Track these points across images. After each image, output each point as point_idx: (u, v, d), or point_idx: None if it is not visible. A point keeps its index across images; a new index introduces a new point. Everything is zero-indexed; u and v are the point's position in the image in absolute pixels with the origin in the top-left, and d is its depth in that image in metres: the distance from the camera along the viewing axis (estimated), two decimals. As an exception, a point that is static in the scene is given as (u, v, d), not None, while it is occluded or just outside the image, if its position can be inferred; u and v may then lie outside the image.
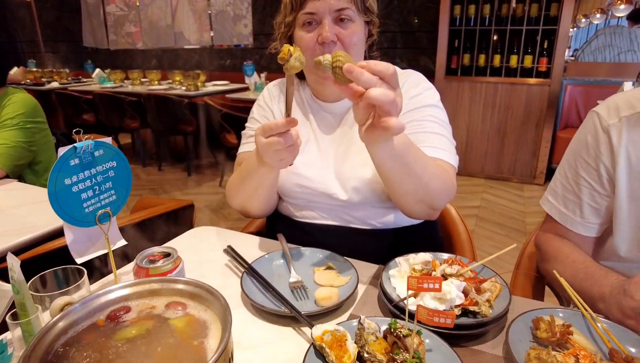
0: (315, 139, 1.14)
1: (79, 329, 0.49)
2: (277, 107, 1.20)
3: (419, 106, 1.05)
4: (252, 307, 0.82)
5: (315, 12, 0.98)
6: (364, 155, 1.05)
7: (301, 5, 1.00)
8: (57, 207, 0.71)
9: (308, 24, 1.01)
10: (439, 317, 0.55)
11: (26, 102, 1.79)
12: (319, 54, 0.99)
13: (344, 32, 1.00)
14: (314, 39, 1.00)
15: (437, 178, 0.92)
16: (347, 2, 0.99)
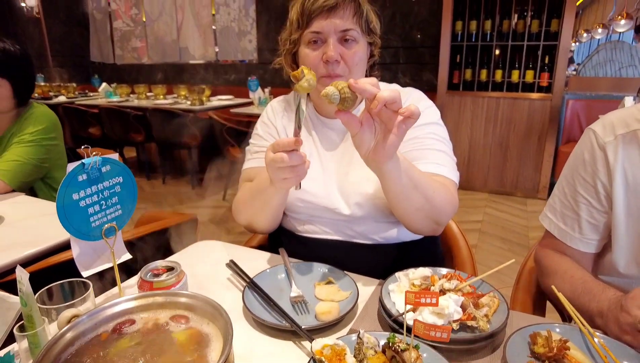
0: (317, 154, 1.16)
1: (85, 341, 0.50)
2: (281, 123, 1.22)
3: (421, 124, 1.07)
4: (254, 321, 0.83)
5: (321, 31, 1.02)
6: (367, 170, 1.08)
7: (308, 24, 1.03)
8: (64, 221, 0.73)
9: (314, 42, 1.04)
10: (436, 332, 0.56)
11: (46, 118, 1.80)
12: (323, 72, 1.04)
13: (348, 52, 1.03)
14: (319, 57, 1.03)
15: (440, 193, 0.96)
16: (352, 23, 1.03)
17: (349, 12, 1.02)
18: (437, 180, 1.00)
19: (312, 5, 1.01)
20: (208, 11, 6.00)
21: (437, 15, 4.54)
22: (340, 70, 1.04)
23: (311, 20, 1.02)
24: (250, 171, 1.21)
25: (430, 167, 1.02)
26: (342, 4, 1.01)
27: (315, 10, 1.01)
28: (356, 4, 1.03)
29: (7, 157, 1.69)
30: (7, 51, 1.66)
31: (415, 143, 1.06)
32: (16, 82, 1.72)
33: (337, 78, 1.04)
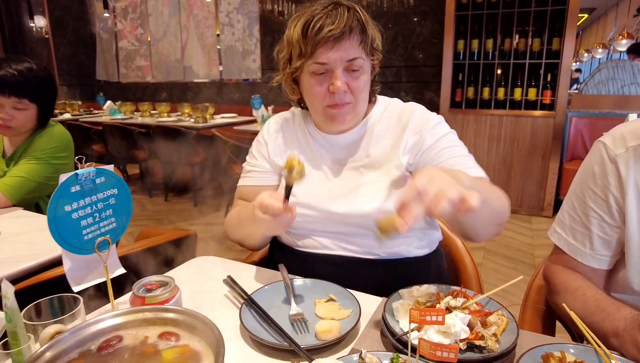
0: (320, 169, 1.15)
1: (68, 360, 0.47)
2: (274, 144, 1.21)
3: (443, 134, 1.07)
4: (251, 340, 0.79)
5: (327, 62, 0.98)
6: (372, 185, 1.06)
7: (311, 54, 0.99)
8: (55, 233, 0.71)
9: (319, 74, 1.01)
10: (442, 351, 0.53)
11: (60, 137, 1.79)
12: (329, 101, 1.03)
13: (354, 82, 1.02)
14: (325, 88, 1.01)
15: (496, 197, 0.93)
16: (359, 51, 1.00)
17: (355, 40, 0.99)
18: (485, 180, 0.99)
19: (315, 34, 0.96)
20: (212, 31, 6.09)
21: (438, 34, 4.58)
22: (347, 98, 1.03)
23: (315, 50, 0.98)
24: (242, 189, 1.24)
25: (470, 171, 0.99)
26: (348, 32, 0.97)
27: (319, 40, 0.96)
28: (361, 29, 0.99)
29: (14, 173, 1.68)
30: (34, 72, 1.65)
31: (446, 152, 1.05)
32: (42, 104, 1.72)
33: (344, 107, 1.04)
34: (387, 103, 1.18)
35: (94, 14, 7.12)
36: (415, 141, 1.07)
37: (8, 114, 1.64)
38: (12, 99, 1.62)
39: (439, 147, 1.06)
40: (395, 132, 1.11)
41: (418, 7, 4.74)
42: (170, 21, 6.35)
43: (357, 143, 1.14)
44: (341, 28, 0.95)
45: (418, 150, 1.07)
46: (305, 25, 0.98)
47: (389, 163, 1.08)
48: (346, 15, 0.97)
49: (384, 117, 1.15)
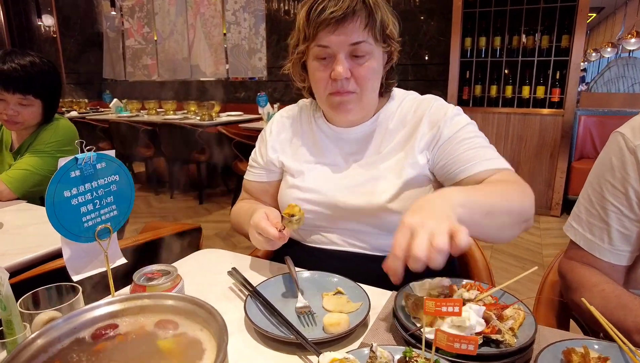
0: (327, 163, 1.11)
1: (61, 347, 0.44)
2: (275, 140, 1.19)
3: (463, 125, 1.03)
4: (256, 332, 0.76)
5: (328, 45, 0.94)
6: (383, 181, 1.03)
7: (314, 37, 0.95)
8: (54, 220, 0.68)
9: (322, 58, 0.97)
10: (460, 343, 0.49)
11: (65, 131, 1.78)
12: (332, 88, 0.98)
13: (359, 68, 0.96)
14: (328, 73, 0.97)
15: (514, 196, 0.89)
16: (364, 35, 0.93)
17: (360, 22, 0.93)
18: (501, 180, 0.94)
19: (317, 16, 0.92)
20: (219, 30, 6.07)
21: (445, 32, 4.53)
22: (350, 86, 0.98)
23: (317, 32, 0.94)
24: (245, 183, 1.27)
25: (489, 163, 0.97)
26: (351, 14, 0.91)
27: (321, 22, 0.92)
28: (368, 12, 0.93)
29: (18, 165, 1.67)
30: (38, 67, 1.63)
31: (467, 143, 1.00)
32: (47, 99, 1.70)
33: (347, 95, 0.99)
34: (403, 95, 1.14)
35: (101, 12, 7.14)
36: (433, 135, 1.02)
37: (14, 110, 1.63)
38: (17, 95, 1.61)
39: (458, 138, 1.01)
40: (410, 126, 1.06)
41: (424, 5, 4.70)
42: (177, 20, 6.34)
43: (367, 138, 1.10)
44: (344, 9, 0.90)
45: (435, 144, 1.02)
46: (309, 7, 0.94)
47: (402, 160, 1.04)
48: None
49: (399, 111, 1.10)
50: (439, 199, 0.76)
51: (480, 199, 0.83)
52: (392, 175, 1.03)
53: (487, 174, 0.97)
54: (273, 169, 1.20)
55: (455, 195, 0.79)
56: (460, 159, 1.00)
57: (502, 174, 0.97)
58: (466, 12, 4.22)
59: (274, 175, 1.21)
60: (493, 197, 0.85)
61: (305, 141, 1.15)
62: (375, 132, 1.09)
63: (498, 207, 0.84)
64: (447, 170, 1.02)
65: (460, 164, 1.00)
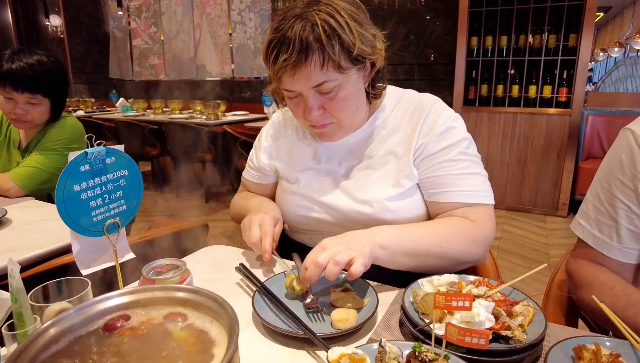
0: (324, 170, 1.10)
1: (72, 338, 0.45)
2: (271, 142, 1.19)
3: (452, 143, 0.98)
4: (264, 327, 0.76)
5: (292, 90, 0.92)
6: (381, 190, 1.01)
7: (278, 80, 0.92)
8: (64, 213, 0.68)
9: (292, 97, 0.95)
10: (472, 337, 0.49)
11: (72, 128, 1.79)
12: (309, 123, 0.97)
13: (330, 103, 0.92)
14: (302, 110, 0.95)
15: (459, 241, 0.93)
16: (323, 75, 0.87)
17: (316, 64, 0.85)
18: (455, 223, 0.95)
19: (272, 63, 0.88)
20: (225, 30, 6.09)
21: (451, 32, 4.52)
22: (326, 119, 0.96)
23: (279, 77, 0.90)
24: (244, 179, 1.31)
25: (462, 196, 0.96)
26: (304, 58, 0.84)
27: (278, 70, 0.88)
28: (321, 49, 0.84)
29: (26, 163, 1.68)
30: (46, 65, 1.64)
31: (448, 166, 0.97)
32: (54, 98, 1.71)
33: (325, 127, 0.98)
34: (399, 95, 1.09)
35: (108, 12, 7.18)
36: (421, 145, 0.99)
37: (22, 109, 1.64)
38: (26, 94, 1.62)
39: (442, 158, 0.98)
40: (406, 130, 1.03)
41: (430, 5, 4.68)
42: (183, 20, 6.36)
43: (362, 143, 1.07)
44: (295, 55, 0.84)
45: (419, 155, 1.00)
46: (265, 49, 0.90)
47: (398, 170, 1.01)
48: (300, 36, 0.83)
49: (394, 113, 1.06)
50: (364, 236, 0.86)
51: (408, 243, 0.90)
52: (388, 183, 1.01)
53: (456, 206, 0.97)
54: (267, 174, 1.21)
55: (381, 235, 0.88)
56: (436, 182, 0.98)
57: (472, 211, 0.96)
58: (472, 12, 4.20)
59: (268, 179, 1.23)
60: (426, 242, 0.91)
61: (301, 147, 1.13)
62: (370, 137, 1.07)
63: (426, 252, 0.91)
64: (423, 186, 1.02)
65: (434, 187, 0.99)
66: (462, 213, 0.97)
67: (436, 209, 1.01)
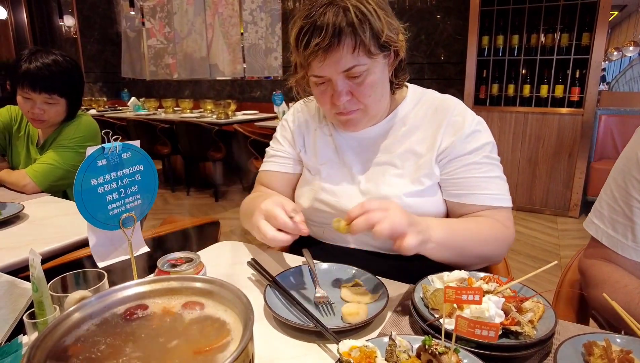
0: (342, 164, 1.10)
1: (93, 324, 0.46)
2: (299, 131, 1.17)
3: (478, 146, 1.01)
4: (275, 321, 0.77)
5: (322, 75, 0.92)
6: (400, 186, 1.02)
7: (307, 67, 0.93)
8: (82, 207, 0.70)
9: (320, 83, 0.95)
10: (482, 329, 0.49)
11: (88, 127, 1.82)
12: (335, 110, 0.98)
13: (358, 88, 0.93)
14: (329, 97, 0.96)
15: (491, 242, 0.96)
16: (354, 58, 0.88)
17: (347, 47, 0.87)
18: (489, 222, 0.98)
19: (304, 47, 0.89)
20: (237, 29, 6.13)
21: (462, 31, 4.50)
22: (353, 105, 0.97)
23: (309, 63, 0.91)
24: (264, 174, 1.20)
25: (488, 199, 0.99)
26: (336, 41, 0.86)
27: (309, 55, 0.89)
28: (354, 32, 0.86)
29: (42, 160, 1.72)
30: (62, 65, 1.67)
31: (474, 169, 1.00)
32: (71, 98, 1.75)
33: (352, 113, 0.98)
34: (420, 94, 1.10)
35: (120, 13, 7.27)
36: (446, 145, 1.01)
37: (40, 109, 1.67)
38: (43, 95, 1.65)
39: (468, 160, 1.00)
40: (428, 130, 1.04)
41: (441, 4, 4.67)
42: (195, 19, 6.42)
43: (382, 138, 1.08)
44: (328, 39, 0.85)
45: (445, 156, 1.01)
46: (296, 36, 0.91)
47: (418, 168, 1.02)
48: (333, 20, 0.85)
49: (415, 111, 1.07)
50: (423, 222, 0.86)
51: (456, 242, 0.92)
52: (407, 180, 1.02)
53: (481, 209, 1.00)
54: (293, 162, 1.18)
55: (436, 231, 0.88)
56: (462, 183, 1.00)
57: (496, 214, 0.99)
58: (483, 10, 4.18)
59: (295, 168, 1.19)
60: (469, 242, 0.93)
61: (323, 138, 1.14)
62: (391, 132, 1.07)
63: (470, 251, 0.94)
64: (446, 186, 1.03)
65: (460, 188, 1.00)
66: (487, 216, 1.00)
67: (460, 210, 1.02)
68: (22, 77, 1.61)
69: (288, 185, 1.20)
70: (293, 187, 1.20)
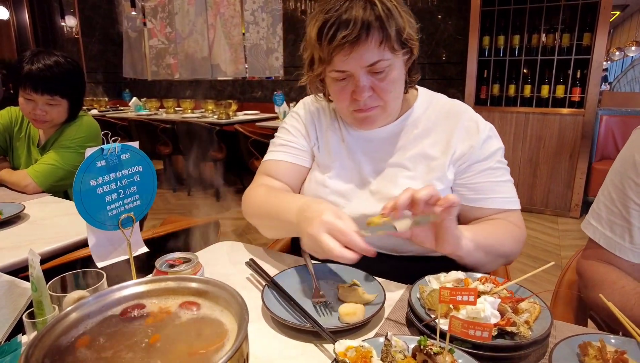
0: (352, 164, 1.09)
1: (91, 323, 0.47)
2: (313, 126, 1.14)
3: (492, 151, 1.03)
4: (273, 321, 0.78)
5: (345, 70, 0.91)
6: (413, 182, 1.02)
7: (329, 61, 0.91)
8: (81, 207, 0.71)
9: (340, 79, 0.94)
10: (475, 330, 0.50)
11: (89, 127, 1.83)
12: (354, 106, 0.97)
13: (380, 84, 0.93)
14: (349, 93, 0.95)
15: (508, 243, 0.98)
16: (380, 53, 0.88)
17: (375, 41, 0.87)
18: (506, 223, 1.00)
19: (330, 41, 0.87)
20: (239, 30, 6.14)
21: (463, 31, 4.50)
22: (373, 102, 0.96)
23: (332, 57, 0.89)
24: (271, 163, 1.14)
25: (503, 203, 1.02)
26: (364, 35, 0.86)
27: (334, 47, 0.87)
28: (381, 27, 0.87)
29: (44, 160, 1.73)
30: (63, 67, 1.67)
31: (490, 174, 1.02)
32: (72, 98, 1.76)
33: (372, 110, 0.97)
34: (430, 97, 1.11)
35: (122, 13, 7.28)
36: (464, 151, 1.02)
37: (42, 110, 1.68)
38: (45, 96, 1.66)
39: (485, 166, 1.02)
40: (442, 134, 1.04)
41: (442, 4, 4.67)
42: (197, 20, 6.43)
43: (393, 139, 1.07)
44: (356, 32, 0.85)
45: (464, 162, 1.02)
46: (320, 29, 0.89)
47: (429, 171, 1.03)
48: (361, 14, 0.85)
49: (426, 115, 1.07)
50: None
51: (491, 241, 0.94)
52: (419, 183, 1.02)
53: (495, 212, 1.02)
54: (306, 155, 1.14)
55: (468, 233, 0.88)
56: (479, 187, 1.02)
57: (509, 216, 1.02)
58: (484, 10, 4.17)
59: (310, 162, 1.15)
60: (494, 242, 0.95)
61: (334, 137, 1.11)
62: (402, 134, 1.07)
63: (496, 252, 0.95)
64: (461, 191, 1.04)
65: (476, 192, 1.02)
66: (501, 218, 1.02)
67: (473, 213, 1.04)
68: (24, 78, 1.62)
69: (298, 179, 1.15)
70: (302, 181, 1.15)
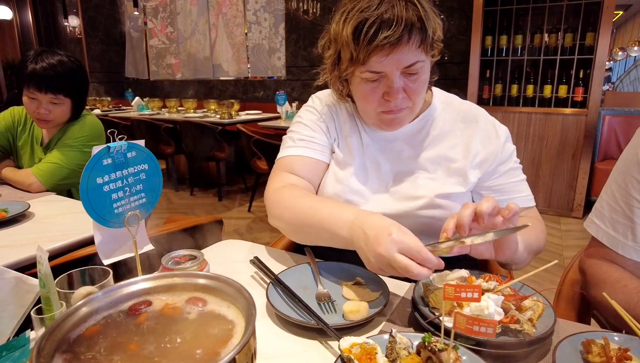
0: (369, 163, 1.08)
1: (100, 318, 0.47)
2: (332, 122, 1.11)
3: (511, 153, 1.06)
4: (277, 318, 0.78)
5: (381, 70, 0.88)
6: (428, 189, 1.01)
7: (363, 61, 0.87)
8: (87, 204, 0.71)
9: (372, 80, 0.91)
10: (480, 326, 0.50)
11: (92, 126, 1.84)
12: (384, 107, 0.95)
13: (412, 85, 0.91)
14: (379, 94, 0.92)
15: (540, 238, 1.01)
16: (418, 54, 0.87)
17: (415, 42, 0.85)
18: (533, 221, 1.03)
19: (369, 41, 0.83)
20: (241, 30, 6.15)
21: (465, 31, 4.49)
22: (404, 103, 0.94)
23: (369, 58, 0.86)
24: (292, 159, 1.07)
25: (524, 201, 1.05)
26: (407, 37, 0.83)
27: (373, 48, 0.84)
28: (422, 29, 0.85)
29: (48, 159, 1.73)
30: (67, 66, 1.68)
31: (512, 174, 1.06)
32: (76, 97, 1.76)
33: (401, 111, 0.96)
34: (444, 97, 1.11)
35: (124, 13, 7.31)
36: (486, 155, 1.03)
37: (45, 109, 1.69)
38: (49, 95, 1.67)
39: (507, 167, 1.05)
40: (461, 137, 1.05)
41: (445, 3, 4.66)
42: (199, 20, 6.44)
43: (411, 139, 1.06)
44: (399, 32, 0.82)
45: (490, 165, 1.03)
46: (356, 28, 0.85)
47: (449, 174, 1.03)
48: (404, 15, 0.82)
49: (443, 116, 1.07)
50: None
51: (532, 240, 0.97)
52: (439, 184, 1.02)
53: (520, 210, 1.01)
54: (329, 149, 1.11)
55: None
56: (504, 189, 1.05)
57: (529, 213, 1.07)
58: (487, 10, 4.17)
59: (329, 158, 1.11)
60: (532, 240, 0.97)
61: (351, 133, 1.09)
62: (419, 134, 1.07)
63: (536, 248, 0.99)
64: (485, 193, 1.06)
65: (502, 194, 1.05)
66: (523, 215, 1.06)
67: None
68: (28, 77, 1.63)
69: (319, 176, 1.10)
70: (321, 178, 1.10)
